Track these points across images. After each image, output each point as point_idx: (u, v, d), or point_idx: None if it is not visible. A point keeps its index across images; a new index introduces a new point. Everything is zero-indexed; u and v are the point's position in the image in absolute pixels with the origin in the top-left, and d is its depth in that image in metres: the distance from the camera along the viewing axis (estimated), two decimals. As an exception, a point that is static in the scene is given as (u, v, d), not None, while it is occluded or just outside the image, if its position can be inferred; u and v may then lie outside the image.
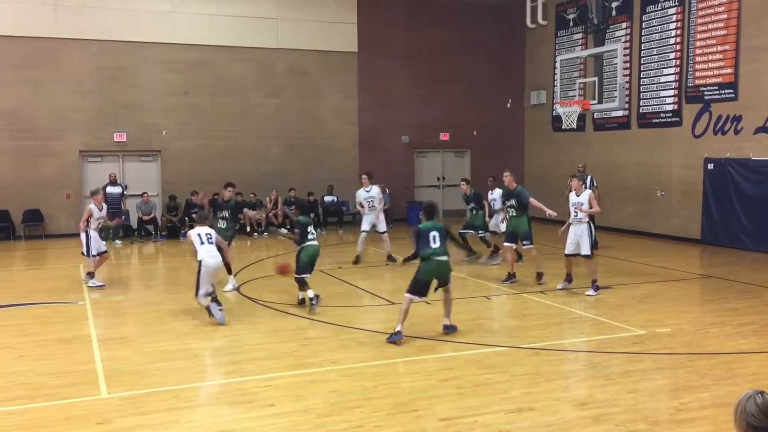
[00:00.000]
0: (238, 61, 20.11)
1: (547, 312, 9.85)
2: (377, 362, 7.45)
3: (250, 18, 20.11)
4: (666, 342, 8.16)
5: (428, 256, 8.37)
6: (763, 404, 2.65)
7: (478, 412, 5.97)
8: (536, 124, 22.62)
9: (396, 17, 21.69)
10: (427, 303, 10.35)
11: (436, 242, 8.40)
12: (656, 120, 17.78)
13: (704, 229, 16.36)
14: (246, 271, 13.34)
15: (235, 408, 6.17)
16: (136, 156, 19.60)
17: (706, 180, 16.23)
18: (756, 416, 2.64)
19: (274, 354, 7.82)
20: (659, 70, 17.61)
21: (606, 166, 19.20)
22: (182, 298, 11.19)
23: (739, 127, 15.52)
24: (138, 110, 19.28)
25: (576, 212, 10.82)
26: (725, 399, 6.19)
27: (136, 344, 8.33)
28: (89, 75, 18.77)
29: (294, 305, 10.16)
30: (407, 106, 21.95)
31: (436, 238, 8.42)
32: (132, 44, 19.05)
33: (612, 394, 6.42)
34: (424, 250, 8.39)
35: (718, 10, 15.85)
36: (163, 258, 16.19)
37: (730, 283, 11.83)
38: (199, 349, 8.09)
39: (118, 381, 6.91)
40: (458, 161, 23.26)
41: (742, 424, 2.68)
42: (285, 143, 20.70)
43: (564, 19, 21.00)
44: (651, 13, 17.80)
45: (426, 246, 8.38)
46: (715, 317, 9.45)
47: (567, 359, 7.62)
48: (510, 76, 22.96)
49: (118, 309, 10.55)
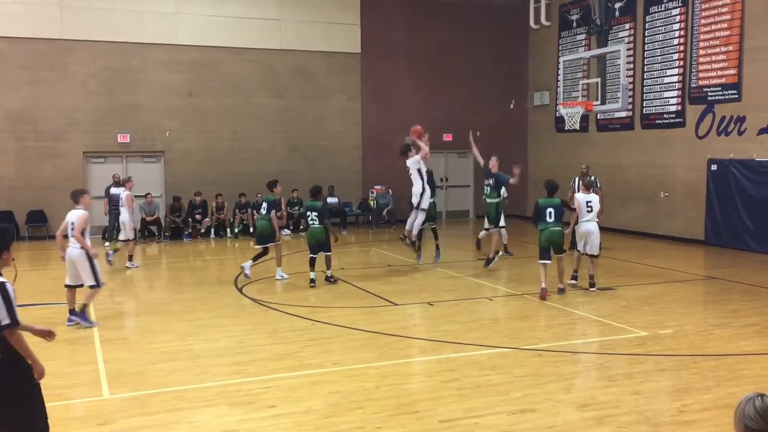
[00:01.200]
0: (242, 62, 20.15)
1: (549, 313, 9.84)
2: (379, 363, 7.46)
3: (253, 19, 20.14)
4: (668, 343, 8.15)
5: (545, 227, 10.58)
6: (762, 407, 2.65)
7: (480, 414, 5.97)
8: (540, 125, 22.60)
9: (399, 18, 21.70)
10: (429, 304, 10.38)
11: (551, 217, 10.59)
12: (659, 121, 17.75)
13: (708, 230, 16.33)
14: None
15: (236, 409, 6.18)
16: (139, 157, 19.65)
17: (710, 181, 16.20)
18: (754, 419, 2.64)
19: (275, 355, 7.84)
20: (662, 71, 17.58)
21: (609, 167, 19.17)
22: (185, 299, 11.23)
23: (742, 128, 15.49)
24: (142, 111, 19.33)
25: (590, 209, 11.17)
26: (727, 401, 6.18)
27: (139, 345, 8.36)
28: (94, 76, 18.84)
29: (296, 305, 10.19)
30: (410, 107, 21.92)
31: (552, 213, 10.60)
32: (137, 45, 19.11)
33: (614, 395, 6.42)
34: (542, 222, 10.63)
35: (722, 10, 15.82)
36: (167, 259, 16.21)
37: (733, 284, 11.80)
38: (201, 350, 8.10)
39: (121, 382, 6.93)
40: (462, 162, 23.24)
41: (741, 426, 2.69)
42: (289, 144, 20.73)
43: (567, 19, 20.99)
44: (654, 13, 17.77)
45: (543, 219, 10.62)
46: (718, 319, 9.43)
47: (569, 360, 7.61)
48: (513, 76, 22.95)
49: (121, 310, 10.58)
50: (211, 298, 11.05)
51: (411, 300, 10.74)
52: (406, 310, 10.15)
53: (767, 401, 2.66)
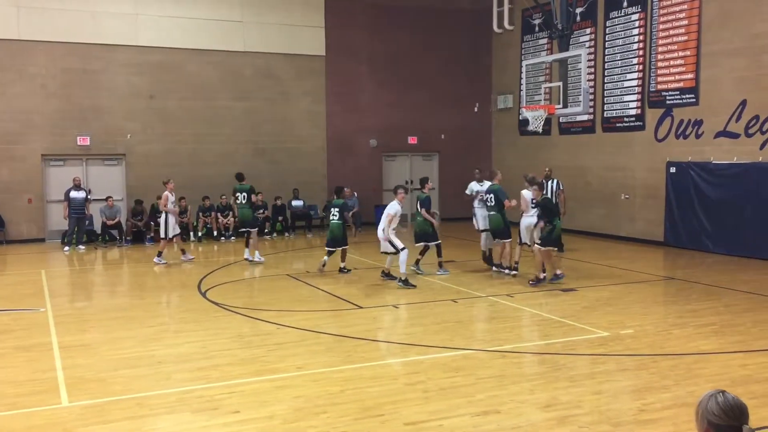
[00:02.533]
0: (204, 64, 19.95)
1: (513, 315, 9.93)
2: (344, 367, 7.44)
3: (215, 21, 19.95)
4: (629, 343, 8.28)
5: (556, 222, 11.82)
6: (725, 402, 2.72)
7: (445, 416, 5.99)
8: (503, 128, 22.82)
9: (364, 21, 21.71)
10: (394, 307, 10.40)
11: None
12: (620, 124, 18.05)
13: (667, 231, 16.65)
14: (213, 275, 13.22)
15: (199, 415, 6.11)
16: (100, 160, 19.32)
17: (669, 183, 16.52)
18: (717, 414, 2.71)
19: (239, 360, 7.76)
20: (623, 75, 17.89)
21: (571, 169, 19.44)
22: (147, 303, 11.07)
23: (700, 131, 15.83)
24: (102, 113, 19.00)
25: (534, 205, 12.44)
26: (686, 399, 6.30)
27: (99, 351, 8.20)
28: (53, 78, 18.46)
29: (261, 309, 10.12)
30: (376, 110, 21.98)
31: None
32: (97, 46, 18.77)
33: (576, 395, 6.49)
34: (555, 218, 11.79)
35: (679, 16, 16.16)
36: (128, 263, 15.96)
37: (691, 284, 12.05)
38: (164, 356, 7.99)
39: (81, 389, 6.79)
40: (426, 164, 23.35)
41: (704, 422, 2.75)
42: (253, 147, 20.58)
43: (530, 24, 21.23)
44: (614, 18, 18.08)
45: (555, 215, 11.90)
46: (677, 318, 9.62)
47: (532, 361, 7.68)
48: (477, 80, 23.13)
49: (81, 315, 10.38)
50: (174, 303, 10.93)
51: (376, 303, 10.74)
52: (371, 312, 10.15)
53: (729, 397, 2.74)
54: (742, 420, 2.70)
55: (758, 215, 14.41)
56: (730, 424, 2.69)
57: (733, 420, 2.69)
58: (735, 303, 10.47)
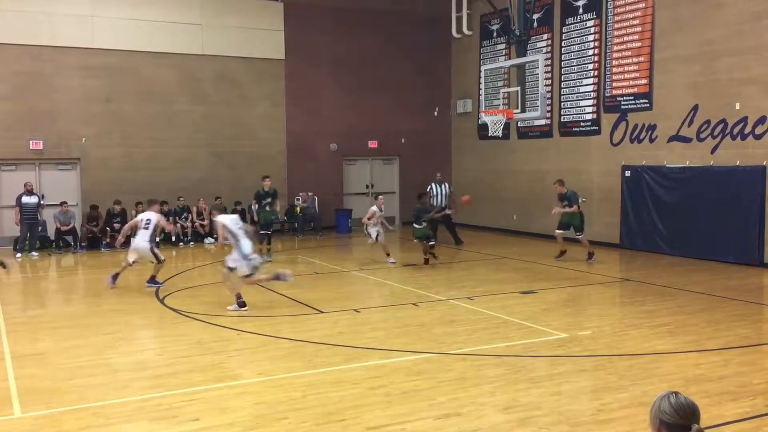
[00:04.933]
0: (161, 67, 19.66)
1: (473, 317, 10.00)
2: (305, 372, 7.40)
3: (173, 23, 19.68)
4: (587, 344, 8.41)
5: None
6: (677, 403, 2.83)
7: (406, 419, 6.00)
8: (463, 132, 22.97)
9: (323, 25, 21.66)
10: (355, 311, 10.39)
11: None
12: (576, 129, 18.35)
13: (623, 234, 16.96)
14: (171, 281, 13.03)
15: (157, 424, 6.01)
16: (53, 164, 18.88)
17: (624, 186, 16.84)
18: (668, 413, 2.81)
19: (199, 366, 7.66)
20: (579, 81, 18.19)
21: (530, 173, 19.67)
22: (102, 311, 10.85)
23: (653, 135, 16.18)
24: (56, 117, 18.56)
25: None
26: (643, 399, 6.42)
27: (53, 360, 8.01)
28: (4, 80, 17.96)
29: (220, 315, 10.01)
30: (336, 114, 21.94)
31: None
32: (50, 49, 18.32)
33: (536, 397, 6.57)
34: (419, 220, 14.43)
35: (633, 23, 16.51)
36: (83, 270, 15.63)
37: (647, 286, 12.28)
38: (120, 364, 7.84)
39: (34, 399, 6.62)
40: (387, 168, 23.39)
41: (656, 422, 2.85)
42: (212, 151, 20.34)
43: (488, 29, 21.45)
44: (570, 25, 18.38)
45: None
46: (634, 319, 9.80)
47: (492, 364, 7.75)
48: (437, 84, 23.27)
49: (34, 324, 10.12)
50: (130, 310, 10.72)
51: (337, 307, 10.71)
52: (332, 317, 10.12)
53: (681, 398, 2.84)
54: (693, 420, 2.81)
55: (710, 218, 14.78)
56: (681, 423, 2.79)
57: (684, 420, 2.80)
58: (689, 303, 10.71)
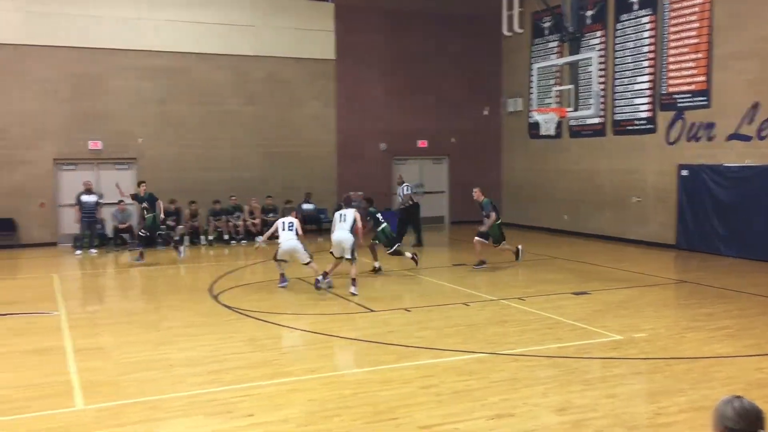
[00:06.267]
0: (214, 69, 20.02)
1: (525, 318, 9.89)
2: (356, 370, 7.44)
3: (226, 25, 20.03)
4: (643, 347, 8.24)
5: None
6: (741, 408, 2.77)
7: (459, 419, 5.97)
8: (513, 132, 22.78)
9: (373, 25, 21.74)
10: (406, 311, 10.39)
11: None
12: (631, 127, 17.99)
13: (679, 234, 16.56)
14: (223, 279, 13.25)
15: (212, 419, 6.11)
16: (111, 164, 19.41)
17: (681, 186, 16.44)
18: (733, 419, 2.75)
19: (252, 363, 7.77)
20: (633, 78, 17.83)
21: (582, 172, 19.39)
22: (159, 307, 11.10)
23: (711, 134, 15.76)
24: (113, 117, 19.08)
25: None
26: (702, 403, 6.25)
27: (113, 355, 8.23)
28: (60, 82, 18.52)
29: (273, 313, 10.13)
30: (385, 114, 22.00)
31: None
32: (102, 51, 18.80)
33: (590, 399, 6.46)
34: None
35: (690, 18, 16.10)
36: (139, 267, 16.01)
37: (704, 288, 11.97)
38: (176, 359, 8.00)
39: (95, 392, 6.81)
40: (436, 168, 23.33)
41: (720, 427, 2.79)
42: (263, 151, 20.63)
43: (540, 27, 21.20)
44: (625, 21, 18.04)
45: None
46: (691, 322, 9.56)
47: (545, 365, 7.65)
48: (487, 83, 23.11)
49: (94, 319, 10.42)
50: (185, 307, 10.93)
51: (387, 306, 10.73)
52: (382, 316, 10.14)
53: (745, 402, 2.77)
54: (757, 425, 2.74)
55: (771, 218, 14.32)
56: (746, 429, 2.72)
57: (748, 425, 2.73)
58: (748, 306, 10.40)
